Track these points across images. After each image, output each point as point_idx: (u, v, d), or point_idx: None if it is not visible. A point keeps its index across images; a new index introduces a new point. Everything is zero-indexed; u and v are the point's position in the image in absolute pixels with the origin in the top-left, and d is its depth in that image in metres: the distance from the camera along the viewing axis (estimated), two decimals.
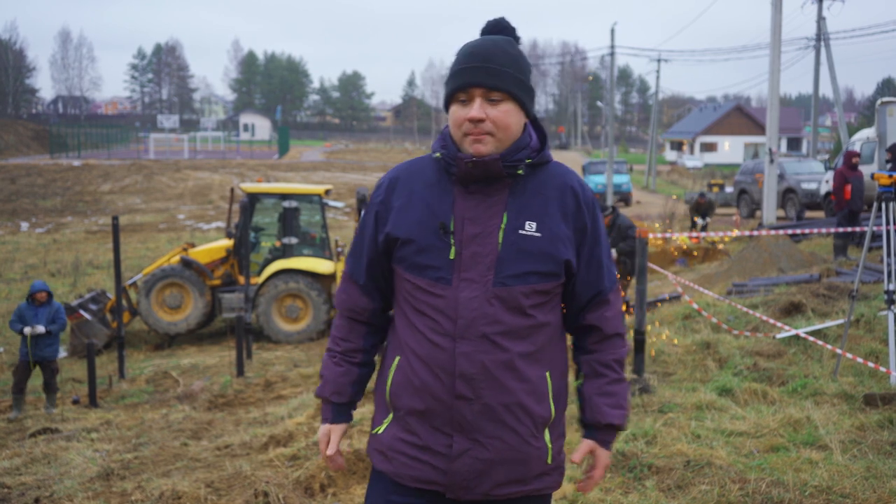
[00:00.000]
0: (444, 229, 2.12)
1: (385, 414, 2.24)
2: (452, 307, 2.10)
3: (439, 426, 2.12)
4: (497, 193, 2.15)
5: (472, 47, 2.16)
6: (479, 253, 2.11)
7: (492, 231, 2.12)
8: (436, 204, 2.15)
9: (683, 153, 79.03)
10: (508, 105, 2.12)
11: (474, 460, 2.11)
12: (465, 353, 2.09)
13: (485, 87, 2.09)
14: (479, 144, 2.10)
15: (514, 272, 2.11)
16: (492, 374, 2.09)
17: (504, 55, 2.14)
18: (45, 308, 9.75)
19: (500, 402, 2.10)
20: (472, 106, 2.11)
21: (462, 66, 2.13)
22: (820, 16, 31.66)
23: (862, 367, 6.61)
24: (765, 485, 4.24)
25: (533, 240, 2.13)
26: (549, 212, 2.16)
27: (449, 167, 2.16)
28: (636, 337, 6.97)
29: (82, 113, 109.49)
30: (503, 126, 2.11)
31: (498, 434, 2.11)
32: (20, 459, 6.66)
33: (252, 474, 5.16)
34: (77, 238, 26.67)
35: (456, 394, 2.10)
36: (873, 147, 17.58)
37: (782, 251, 13.56)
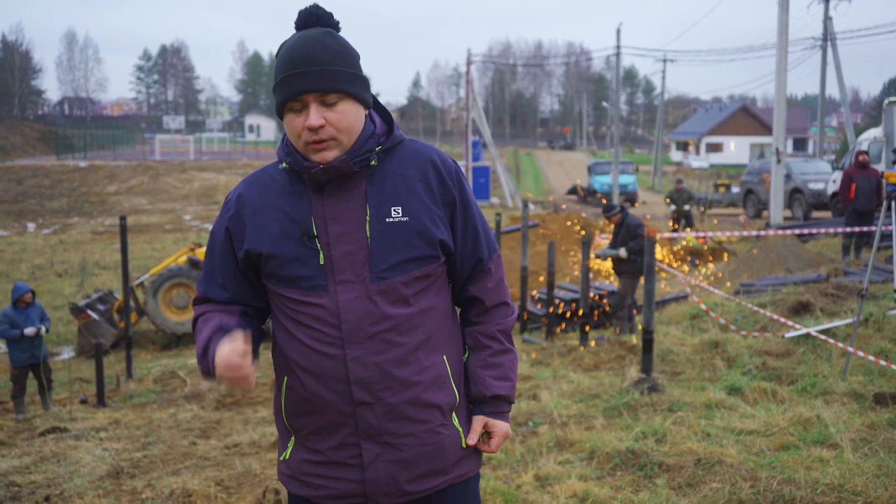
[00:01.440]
0: (307, 235, 2.01)
1: (287, 438, 2.16)
2: (333, 313, 2.00)
3: (345, 438, 2.04)
4: (355, 187, 2.04)
5: (293, 50, 1.99)
6: (350, 251, 2.01)
7: (357, 226, 2.02)
8: (293, 211, 2.03)
9: (689, 154, 78.87)
10: (345, 104, 2.00)
11: (388, 464, 2.04)
12: (357, 358, 2.00)
13: (316, 91, 1.97)
14: (323, 152, 1.99)
15: (389, 264, 2.01)
16: (388, 373, 2.01)
17: (328, 52, 1.99)
18: (33, 308, 9.67)
19: (403, 400, 2.03)
20: (308, 113, 1.98)
21: (288, 73, 1.98)
22: (826, 16, 31.60)
23: (872, 366, 6.60)
24: (776, 483, 4.23)
25: (402, 225, 2.02)
26: (414, 192, 2.05)
27: (298, 175, 2.05)
28: (644, 336, 6.97)
29: (88, 114, 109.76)
30: (344, 128, 2.00)
31: (407, 431, 2.04)
32: (30, 458, 6.68)
33: (261, 472, 5.17)
34: (83, 239, 26.73)
35: (355, 401, 2.01)
36: (881, 147, 17.54)
37: (790, 251, 13.54)
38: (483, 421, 2.18)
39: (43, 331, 9.63)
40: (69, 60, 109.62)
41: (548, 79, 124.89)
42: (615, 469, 4.77)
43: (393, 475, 2.04)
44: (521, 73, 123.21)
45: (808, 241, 16.51)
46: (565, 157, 74.28)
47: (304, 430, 2.09)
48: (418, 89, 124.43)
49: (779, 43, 18.67)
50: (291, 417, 2.11)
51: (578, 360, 8.30)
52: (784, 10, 18.68)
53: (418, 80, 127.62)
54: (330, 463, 2.07)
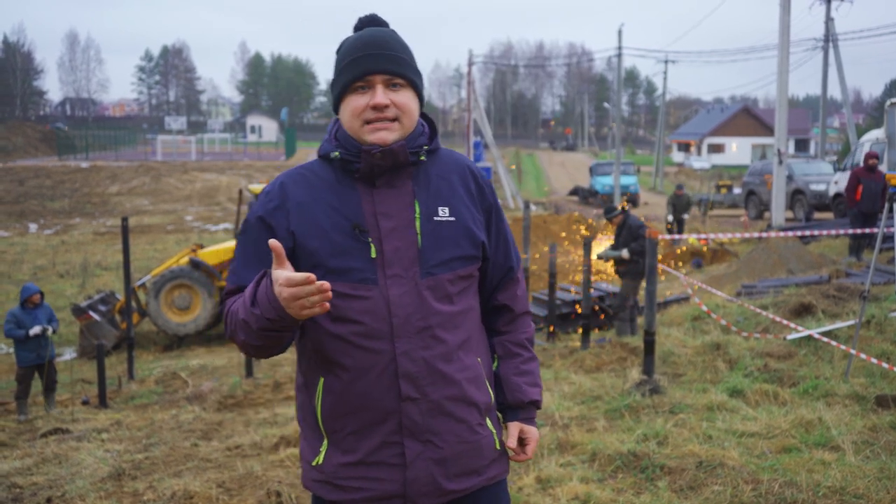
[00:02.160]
0: (358, 229, 2.03)
1: (319, 442, 2.11)
2: (383, 306, 2.01)
3: (387, 437, 2.03)
4: (402, 185, 2.08)
5: (363, 37, 2.07)
6: (400, 247, 2.03)
7: (407, 223, 2.05)
8: (342, 205, 2.05)
9: (691, 154, 78.84)
10: (408, 92, 2.07)
11: (429, 462, 2.04)
12: (405, 352, 2.01)
13: (387, 72, 2.03)
14: (384, 132, 2.03)
15: (437, 261, 2.05)
16: (434, 368, 2.03)
17: (398, 43, 2.09)
18: (41, 309, 9.72)
19: (446, 396, 2.05)
20: (374, 93, 2.03)
21: (360, 55, 2.04)
22: (828, 17, 31.59)
23: (874, 368, 6.59)
24: (778, 485, 4.23)
25: (449, 225, 2.08)
26: (457, 195, 2.12)
27: (349, 164, 2.06)
28: (646, 338, 6.96)
29: (90, 115, 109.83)
30: (407, 111, 2.06)
31: (449, 428, 2.05)
32: (31, 460, 6.68)
33: (263, 474, 5.17)
34: (85, 239, 26.76)
35: (402, 396, 2.01)
36: (883, 148, 17.53)
37: (791, 252, 13.53)
38: (518, 427, 2.22)
39: (50, 332, 9.66)
40: (71, 61, 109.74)
41: (549, 79, 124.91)
42: (617, 471, 4.77)
43: (433, 474, 2.04)
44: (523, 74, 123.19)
45: (809, 242, 16.50)
46: (567, 158, 74.29)
47: (342, 432, 2.06)
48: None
49: (780, 44, 18.66)
50: (329, 419, 2.07)
51: (580, 361, 8.30)
52: (786, 11, 18.68)
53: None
54: (370, 464, 2.04)
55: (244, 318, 1.94)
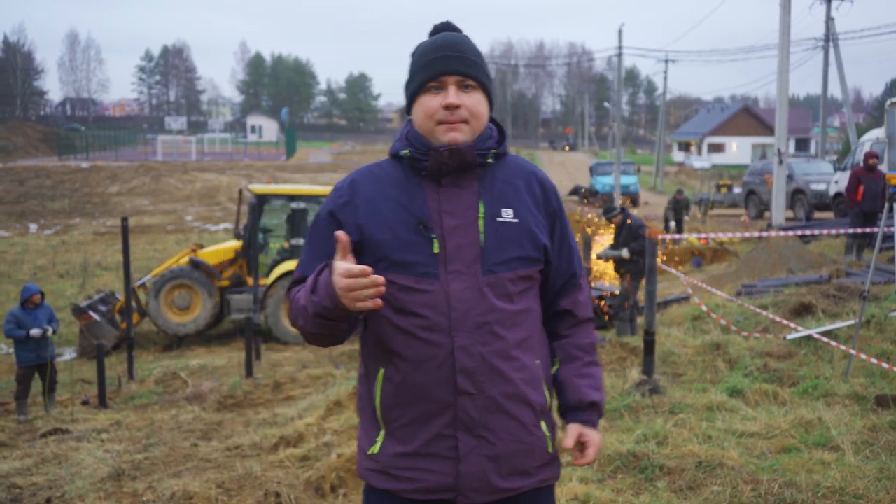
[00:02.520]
0: (423, 225, 2.09)
1: (376, 431, 2.15)
2: (443, 301, 2.06)
3: (441, 429, 2.06)
4: (468, 185, 2.14)
5: (439, 40, 2.15)
6: (462, 245, 2.09)
7: (471, 221, 2.11)
8: (409, 201, 2.11)
9: (691, 154, 78.83)
10: (479, 94, 2.13)
11: (482, 458, 2.07)
12: (463, 347, 2.05)
13: (460, 74, 2.10)
14: (454, 133, 2.09)
15: (499, 259, 2.10)
16: (491, 364, 2.06)
17: (471, 47, 2.16)
18: (41, 309, 9.71)
19: (503, 393, 2.08)
20: (447, 93, 2.10)
21: (434, 56, 2.12)
22: (828, 16, 31.58)
23: (873, 368, 6.59)
24: (777, 486, 4.23)
25: (512, 226, 2.13)
26: (521, 199, 2.17)
27: (418, 163, 2.13)
28: (646, 337, 6.96)
29: (90, 115, 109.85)
30: (477, 114, 2.12)
31: (503, 426, 2.08)
32: (31, 460, 6.69)
33: (263, 475, 5.17)
34: (85, 239, 26.76)
35: (458, 390, 2.05)
36: (883, 148, 17.52)
37: (791, 252, 13.52)
38: (578, 429, 2.21)
39: (50, 332, 9.65)
40: (71, 61, 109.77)
41: (549, 79, 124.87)
42: (616, 472, 4.77)
43: (485, 470, 2.07)
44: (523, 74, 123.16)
45: (809, 241, 16.49)
46: (567, 158, 74.25)
47: (398, 422, 2.10)
48: None
49: (780, 43, 18.65)
50: (387, 409, 2.11)
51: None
52: (786, 10, 18.67)
53: None
54: (423, 455, 2.07)
55: (304, 305, 2.01)
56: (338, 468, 5.03)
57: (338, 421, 6.42)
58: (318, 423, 6.52)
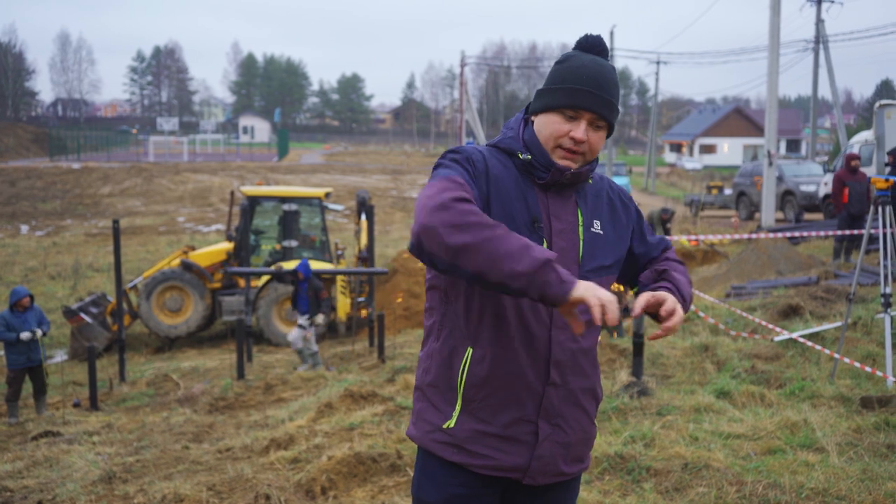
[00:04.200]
0: (536, 222, 2.20)
1: (450, 406, 2.23)
2: None
3: (525, 415, 2.18)
4: (568, 195, 2.27)
5: (591, 69, 2.21)
6: (565, 248, 2.22)
7: (573, 228, 2.25)
8: (524, 198, 2.22)
9: (682, 155, 79.04)
10: (603, 133, 2.25)
11: (555, 444, 2.21)
12: (559, 342, 2.18)
13: (599, 114, 2.20)
14: (570, 162, 2.21)
15: (591, 266, 2.25)
16: (577, 360, 2.23)
17: (615, 87, 2.25)
18: (31, 312, 9.69)
19: (581, 387, 2.25)
20: (579, 126, 2.20)
21: (582, 88, 2.19)
22: (819, 18, 31.74)
23: (859, 370, 6.65)
24: (762, 487, 4.28)
25: (601, 237, 2.29)
26: (606, 212, 2.34)
27: (534, 170, 2.23)
28: (635, 340, 7.02)
29: (81, 115, 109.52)
30: (595, 150, 2.24)
31: (576, 417, 2.25)
32: (22, 463, 6.70)
33: (253, 477, 5.20)
34: (77, 241, 26.69)
35: (549, 381, 2.19)
36: (872, 149, 17.63)
37: (780, 254, 13.60)
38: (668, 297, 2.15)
39: (39, 334, 9.63)
40: (62, 62, 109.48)
41: (542, 80, 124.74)
42: (603, 473, 4.82)
43: (556, 455, 2.23)
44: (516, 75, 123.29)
45: (798, 243, 16.58)
46: None
47: (481, 402, 2.19)
48: (412, 90, 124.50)
49: (770, 46, 18.75)
50: (471, 388, 2.19)
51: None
52: (775, 13, 18.78)
53: (413, 82, 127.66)
54: (504, 437, 2.19)
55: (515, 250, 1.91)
56: (328, 470, 5.07)
57: (329, 423, 6.45)
58: (310, 425, 6.55)
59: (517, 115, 2.36)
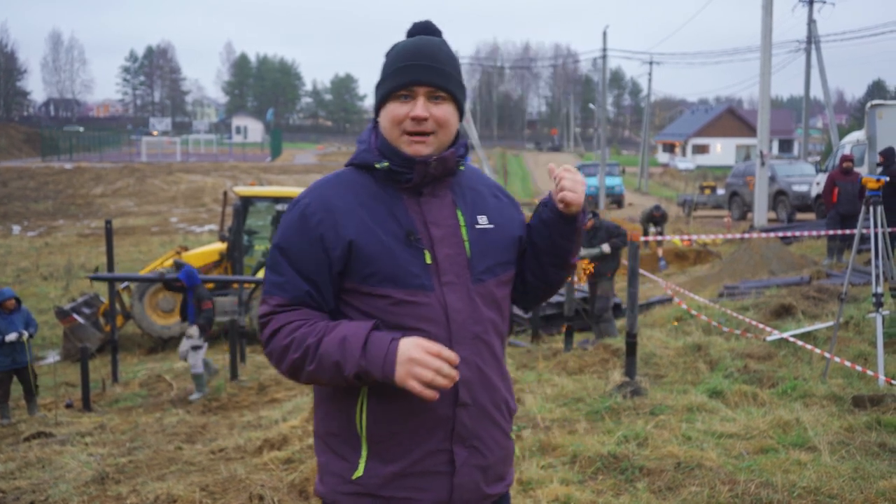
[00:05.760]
0: (413, 236, 2.02)
1: (354, 453, 2.04)
2: (441, 313, 2.01)
3: (437, 444, 2.01)
4: (444, 195, 2.11)
5: (413, 46, 2.07)
6: (451, 255, 2.05)
7: (454, 231, 2.07)
8: (392, 213, 2.04)
9: (675, 155, 79.22)
10: (449, 106, 2.07)
11: (473, 468, 2.04)
12: (463, 358, 1.99)
13: (432, 85, 2.04)
14: (419, 146, 2.04)
15: (483, 267, 2.08)
16: (484, 374, 2.06)
17: (447, 56, 2.09)
18: (18, 314, 9.59)
19: (491, 402, 2.08)
20: (416, 104, 2.04)
21: (407, 64, 2.04)
22: (811, 18, 31.85)
23: (851, 369, 6.68)
24: (754, 486, 4.29)
25: (489, 232, 2.12)
26: (490, 205, 2.17)
27: (397, 175, 2.05)
28: (628, 339, 7.03)
29: (74, 116, 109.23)
30: (445, 126, 2.06)
31: (490, 434, 2.08)
32: (14, 464, 6.68)
33: (247, 478, 5.19)
34: (69, 241, 26.62)
35: (458, 402, 2.01)
36: (863, 150, 17.70)
37: (773, 253, 13.64)
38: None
39: (25, 337, 9.52)
40: (55, 61, 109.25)
41: (535, 81, 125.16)
42: (597, 473, 4.83)
43: (477, 479, 2.06)
44: (509, 75, 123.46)
45: (791, 243, 16.63)
46: (553, 159, 74.46)
47: (388, 441, 2.01)
48: None
49: (762, 46, 18.81)
50: (375, 429, 2.01)
51: (563, 363, 8.35)
52: (768, 13, 18.84)
53: None
54: (418, 473, 2.01)
55: (337, 361, 1.90)
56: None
57: None
58: (303, 425, 6.55)
59: (368, 125, 2.19)
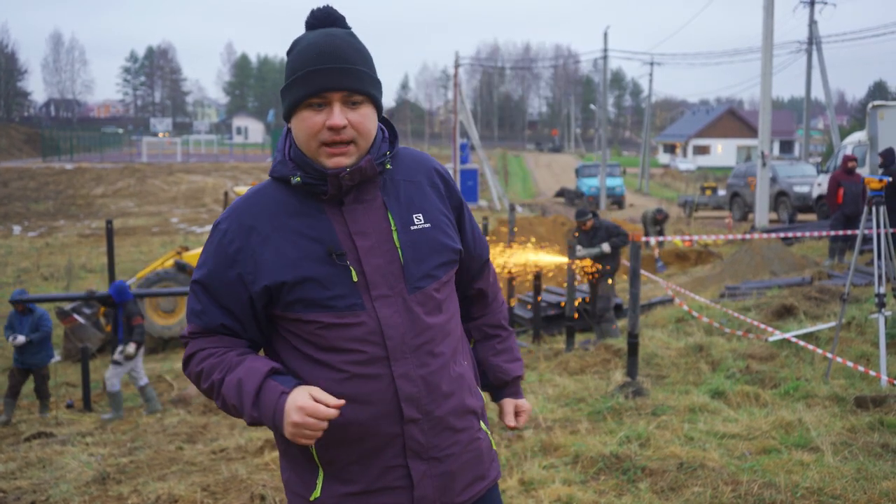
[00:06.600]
0: (335, 253, 1.88)
1: (312, 474, 1.97)
2: (375, 331, 1.89)
3: (389, 461, 1.93)
4: (372, 198, 1.95)
5: (319, 46, 1.89)
6: (381, 265, 1.91)
7: (385, 238, 1.93)
8: (312, 230, 1.90)
9: (676, 156, 79.21)
10: (367, 107, 1.92)
11: (435, 478, 1.96)
12: (403, 374, 1.91)
13: (344, 90, 1.87)
14: (340, 157, 1.88)
15: (422, 272, 1.95)
16: (432, 385, 1.94)
17: (356, 52, 1.91)
18: (29, 317, 9.83)
19: (447, 410, 1.97)
20: (331, 112, 1.87)
21: (315, 68, 1.86)
22: (812, 19, 31.85)
23: (853, 370, 6.66)
24: (757, 486, 4.28)
25: (426, 232, 1.97)
26: (428, 198, 2.02)
27: (314, 188, 1.91)
28: (629, 340, 7.02)
29: (74, 116, 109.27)
30: (364, 132, 1.91)
31: (452, 441, 1.99)
32: (15, 464, 6.67)
33: (248, 478, 5.19)
34: (70, 242, 26.62)
35: (404, 419, 1.91)
36: (864, 150, 17.70)
37: (774, 254, 13.63)
38: (512, 403, 2.27)
39: (21, 341, 9.71)
40: (55, 62, 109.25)
41: (536, 81, 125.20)
42: (599, 473, 4.81)
43: (441, 489, 1.98)
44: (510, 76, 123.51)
45: (792, 244, 16.63)
46: (553, 160, 74.43)
47: (340, 462, 1.95)
48: (406, 91, 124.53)
49: (763, 47, 18.81)
50: (324, 450, 1.94)
51: (564, 363, 8.34)
52: (769, 14, 18.83)
53: (406, 83, 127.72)
54: (375, 491, 1.94)
55: (234, 404, 1.89)
56: None
57: None
58: None
59: (283, 131, 2.03)
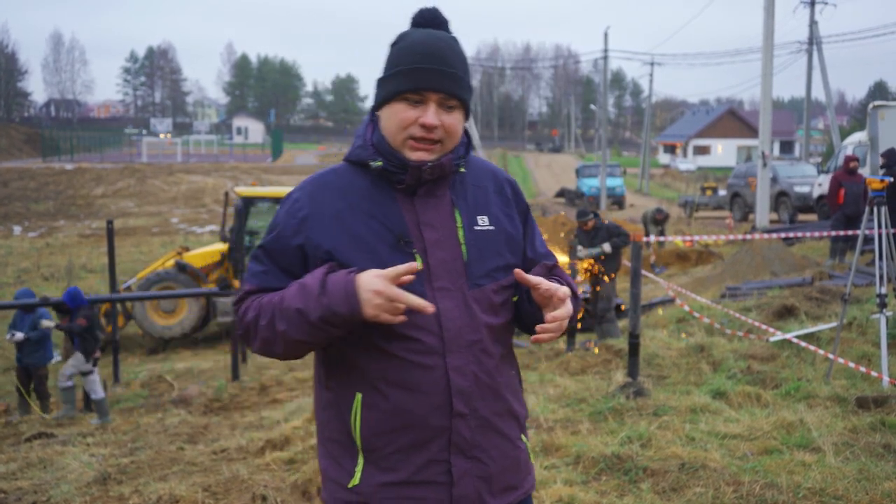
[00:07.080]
0: (403, 240, 1.94)
1: (351, 460, 1.99)
2: (434, 321, 1.92)
3: (434, 454, 1.94)
4: (442, 195, 2.01)
5: (426, 46, 1.95)
6: (446, 259, 1.96)
7: (450, 233, 1.99)
8: (383, 215, 1.96)
9: (676, 156, 79.22)
10: (459, 113, 1.98)
11: (476, 479, 1.97)
12: (457, 367, 1.93)
13: (445, 93, 1.94)
14: (424, 153, 1.94)
15: (482, 272, 1.99)
16: (483, 383, 1.97)
17: (459, 58, 1.98)
18: (30, 315, 9.89)
19: (494, 411, 2.00)
20: (426, 110, 1.93)
21: (419, 66, 1.92)
22: (812, 20, 31.85)
23: (854, 370, 6.66)
24: (759, 487, 4.28)
25: (489, 234, 2.02)
26: (493, 203, 2.07)
27: (391, 175, 1.97)
28: (631, 340, 7.02)
29: (74, 116, 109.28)
30: (453, 134, 1.97)
31: (494, 445, 2.00)
32: (16, 464, 6.66)
33: (249, 478, 5.18)
34: (70, 242, 26.61)
35: (454, 413, 1.93)
36: (865, 151, 17.69)
37: (775, 254, 13.63)
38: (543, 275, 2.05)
39: (19, 337, 9.74)
40: (55, 62, 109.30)
41: (536, 81, 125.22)
42: (600, 474, 4.81)
43: (479, 491, 1.98)
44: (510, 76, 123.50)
45: (793, 244, 16.62)
46: (553, 160, 74.41)
47: (384, 450, 1.95)
48: None
49: (764, 47, 18.80)
50: (371, 437, 1.95)
51: (565, 364, 8.34)
52: (769, 14, 18.83)
53: None
54: (416, 483, 1.95)
55: (300, 308, 1.85)
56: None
57: None
58: (305, 426, 6.53)
59: (365, 119, 2.08)
